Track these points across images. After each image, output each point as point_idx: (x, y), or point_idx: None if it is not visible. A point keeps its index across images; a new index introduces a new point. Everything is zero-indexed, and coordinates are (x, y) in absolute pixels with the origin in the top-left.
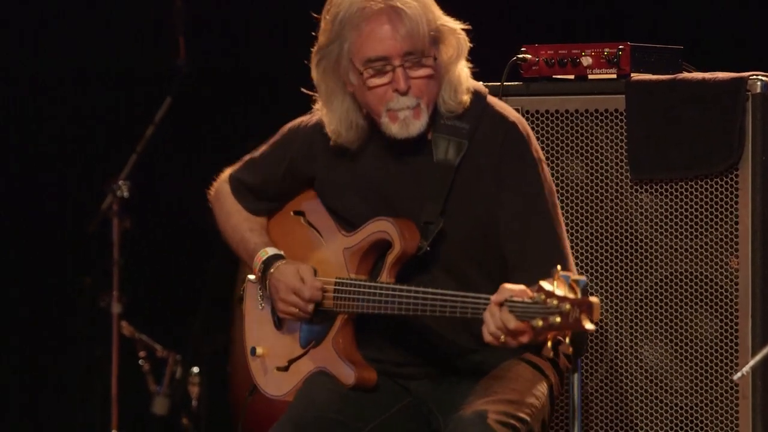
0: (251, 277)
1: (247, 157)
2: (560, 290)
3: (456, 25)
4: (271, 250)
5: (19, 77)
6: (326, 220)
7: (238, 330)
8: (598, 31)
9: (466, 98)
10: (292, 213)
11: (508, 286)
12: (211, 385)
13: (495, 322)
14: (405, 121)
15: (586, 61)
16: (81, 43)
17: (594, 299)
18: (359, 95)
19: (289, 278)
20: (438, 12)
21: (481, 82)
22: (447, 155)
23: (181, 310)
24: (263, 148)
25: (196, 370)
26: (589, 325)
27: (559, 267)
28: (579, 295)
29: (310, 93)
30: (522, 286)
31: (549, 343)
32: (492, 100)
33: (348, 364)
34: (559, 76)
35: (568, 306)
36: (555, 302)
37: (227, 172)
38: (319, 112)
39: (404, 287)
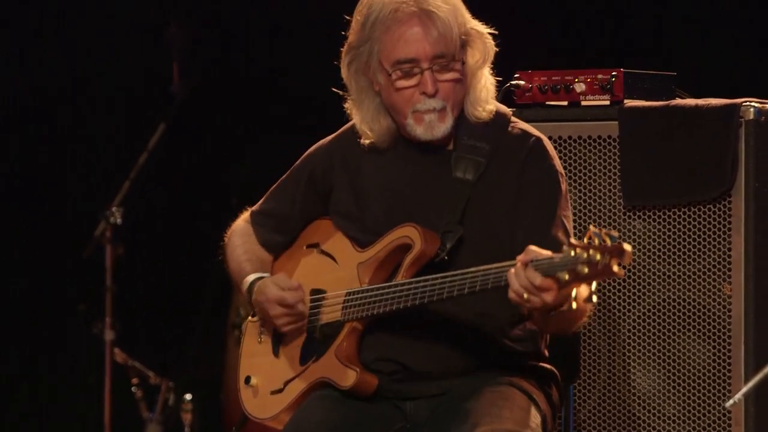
0: (251, 318)
1: (268, 191)
2: (591, 243)
3: (484, 29)
4: (253, 276)
5: (12, 105)
6: (340, 245)
7: (236, 350)
8: (592, 57)
9: (491, 107)
10: (305, 247)
11: (534, 247)
12: (203, 413)
13: (520, 280)
14: (430, 123)
15: (580, 87)
16: (76, 70)
17: (627, 246)
18: (386, 96)
19: (269, 293)
20: (467, 15)
21: None
22: (465, 174)
23: (174, 337)
24: (284, 175)
25: (188, 397)
26: (617, 269)
27: (591, 225)
28: (610, 243)
29: (340, 92)
30: (538, 249)
31: (574, 293)
32: (516, 120)
33: (349, 366)
34: (552, 103)
35: (598, 255)
36: (584, 254)
37: (248, 211)
38: (339, 130)
39: (421, 278)
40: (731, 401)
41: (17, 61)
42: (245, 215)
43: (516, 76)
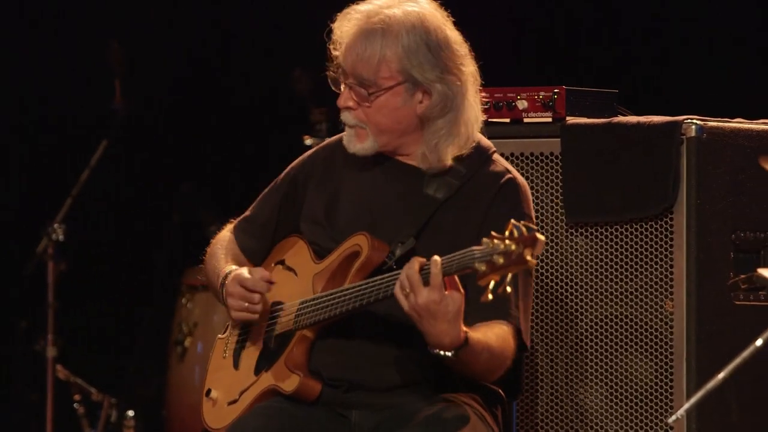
0: (220, 335)
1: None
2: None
3: (443, 88)
4: (232, 267)
5: None
6: (301, 258)
7: (179, 367)
8: (534, 74)
9: (448, 161)
10: (273, 264)
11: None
12: (145, 429)
13: (406, 272)
14: (348, 137)
15: (522, 104)
16: (16, 87)
17: (540, 236)
18: None
19: (237, 272)
20: (428, 62)
21: None
22: (436, 192)
23: (116, 354)
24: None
25: (131, 413)
26: (530, 259)
27: (512, 219)
28: (526, 233)
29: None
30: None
31: (491, 284)
32: (498, 156)
33: (294, 372)
34: (494, 120)
35: (513, 246)
36: (501, 245)
37: (233, 222)
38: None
39: (362, 281)
40: (674, 417)
41: None
42: (229, 226)
43: None
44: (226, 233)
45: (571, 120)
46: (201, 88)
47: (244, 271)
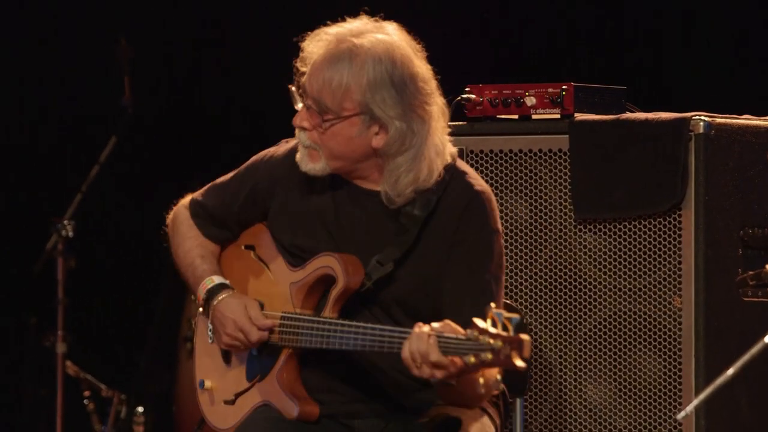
0: (201, 311)
1: (211, 183)
2: (493, 328)
3: (401, 125)
4: (217, 279)
5: None
6: (275, 255)
7: (188, 363)
8: (542, 71)
9: (409, 194)
10: (243, 247)
11: (449, 322)
12: (155, 425)
13: (417, 345)
14: (302, 156)
15: (530, 101)
16: (25, 85)
17: (525, 337)
18: None
19: (237, 315)
20: (387, 98)
21: None
22: (414, 210)
23: (125, 350)
24: (229, 175)
25: (140, 409)
26: (519, 363)
27: (492, 305)
28: (511, 333)
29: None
30: (454, 325)
31: (481, 380)
32: (461, 164)
33: (291, 398)
34: (503, 116)
35: (500, 343)
36: (488, 339)
37: (188, 197)
38: (288, 143)
39: (345, 322)
40: (682, 414)
41: None
42: (185, 202)
43: (467, 89)
44: (185, 213)
45: (579, 117)
46: (209, 84)
47: (243, 314)
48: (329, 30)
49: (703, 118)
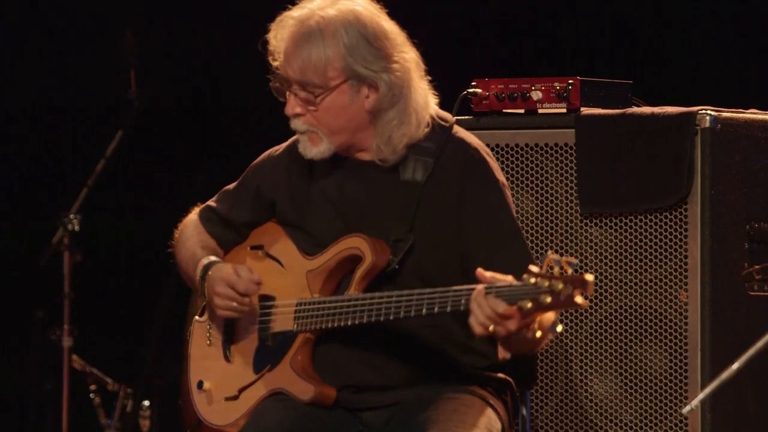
0: (198, 318)
1: (222, 189)
2: (551, 271)
3: (388, 78)
4: (213, 258)
5: None
6: (286, 249)
7: (184, 369)
8: (548, 65)
9: (402, 151)
10: (249, 248)
11: (492, 274)
12: (161, 419)
13: (483, 310)
14: (304, 145)
15: (536, 95)
16: (32, 77)
17: (589, 276)
18: None
19: (224, 273)
20: (370, 54)
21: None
22: (414, 175)
23: (132, 344)
24: (236, 181)
25: (147, 403)
26: (580, 300)
27: (549, 251)
28: (570, 271)
29: None
30: (504, 275)
31: (536, 324)
32: (457, 128)
33: (307, 380)
34: (509, 110)
35: (560, 285)
36: (546, 282)
37: (200, 206)
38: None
39: (376, 294)
40: (688, 408)
41: None
42: (196, 211)
43: (473, 84)
44: (195, 219)
45: (585, 111)
46: (217, 78)
47: (230, 271)
48: (291, 14)
49: (709, 112)
